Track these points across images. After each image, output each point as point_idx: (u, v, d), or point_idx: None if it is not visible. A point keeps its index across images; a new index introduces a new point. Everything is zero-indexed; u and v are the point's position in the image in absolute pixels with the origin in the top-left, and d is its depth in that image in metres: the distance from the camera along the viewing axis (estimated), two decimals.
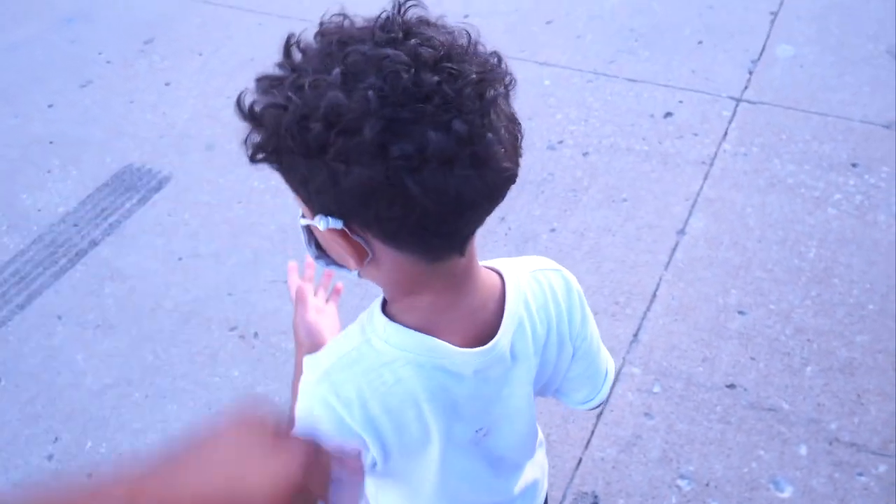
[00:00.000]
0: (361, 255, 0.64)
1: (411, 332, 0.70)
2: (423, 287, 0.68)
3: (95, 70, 3.43)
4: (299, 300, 0.95)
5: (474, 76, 0.56)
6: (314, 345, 0.90)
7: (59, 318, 2.28)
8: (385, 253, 0.63)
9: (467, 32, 0.59)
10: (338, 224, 0.61)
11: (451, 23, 0.59)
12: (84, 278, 2.39)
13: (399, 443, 0.74)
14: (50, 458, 1.90)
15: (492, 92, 0.59)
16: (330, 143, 0.54)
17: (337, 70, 0.54)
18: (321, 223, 0.61)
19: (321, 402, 0.71)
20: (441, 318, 0.70)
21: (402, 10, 0.57)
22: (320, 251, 0.71)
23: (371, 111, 0.52)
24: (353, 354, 0.72)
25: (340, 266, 0.70)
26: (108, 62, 3.49)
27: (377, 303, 0.74)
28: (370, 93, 0.52)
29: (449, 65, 0.55)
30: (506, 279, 0.75)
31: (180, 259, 2.40)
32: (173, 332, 2.17)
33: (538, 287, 0.79)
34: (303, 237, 0.71)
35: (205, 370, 2.05)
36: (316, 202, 0.61)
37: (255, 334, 2.13)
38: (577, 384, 0.90)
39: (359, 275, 0.70)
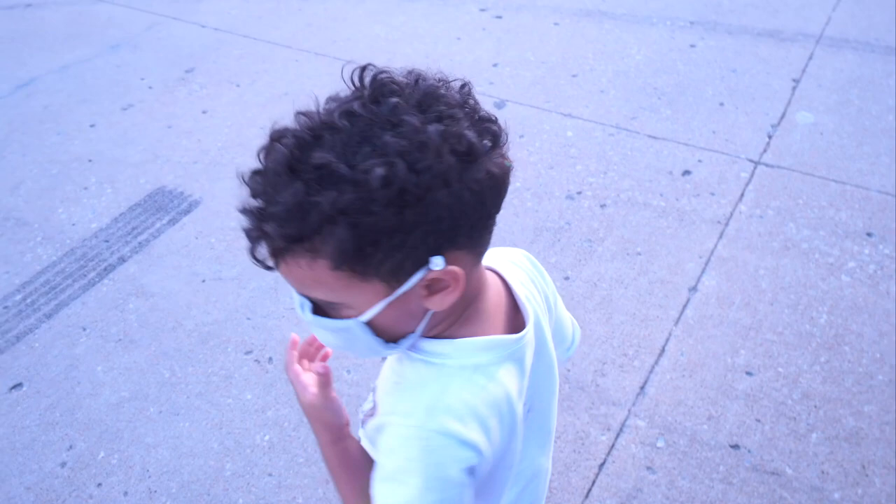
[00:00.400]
0: (448, 290, 0.66)
1: (477, 338, 0.73)
2: (475, 294, 0.73)
3: (137, 95, 3.59)
4: (302, 382, 0.86)
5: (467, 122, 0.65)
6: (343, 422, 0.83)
7: (84, 329, 2.35)
8: (457, 271, 0.66)
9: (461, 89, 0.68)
10: (440, 261, 0.64)
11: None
12: (110, 293, 2.48)
13: (500, 440, 0.75)
14: (63, 465, 1.95)
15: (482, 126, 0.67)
16: (454, 170, 0.60)
17: (418, 117, 0.61)
18: (437, 264, 0.63)
19: (440, 433, 0.68)
20: (488, 318, 0.76)
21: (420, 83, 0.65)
22: (366, 341, 0.71)
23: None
24: (435, 384, 0.72)
25: (390, 345, 0.72)
26: (150, 88, 3.64)
27: (407, 351, 0.74)
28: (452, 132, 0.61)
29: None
30: (499, 271, 0.82)
31: (203, 281, 2.48)
32: (191, 351, 2.24)
33: (520, 268, 0.88)
34: (355, 343, 0.70)
35: (219, 391, 2.10)
36: (414, 255, 0.62)
37: (270, 359, 2.18)
38: (556, 339, 0.97)
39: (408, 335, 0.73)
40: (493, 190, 0.65)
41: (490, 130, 0.65)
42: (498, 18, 3.84)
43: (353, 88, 0.63)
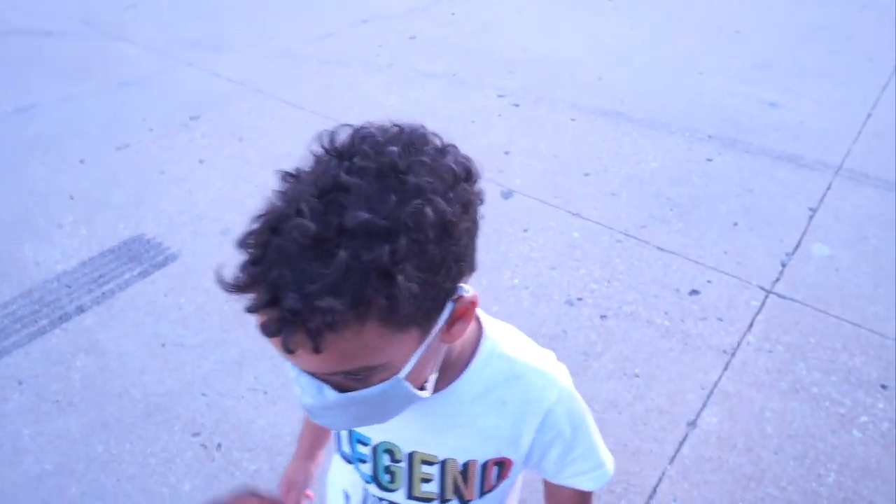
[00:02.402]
0: (464, 318, 0.67)
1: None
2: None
3: (136, 135, 3.48)
4: None
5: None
6: None
7: (20, 383, 2.14)
8: (476, 296, 0.66)
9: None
10: (469, 288, 0.65)
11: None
12: (59, 345, 2.27)
13: None
14: None
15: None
16: (468, 194, 0.62)
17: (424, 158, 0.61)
18: (466, 291, 0.64)
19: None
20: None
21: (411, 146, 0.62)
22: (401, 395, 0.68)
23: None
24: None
25: (421, 391, 0.69)
26: (151, 129, 3.54)
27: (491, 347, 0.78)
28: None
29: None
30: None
31: (163, 345, 2.28)
32: (133, 424, 2.01)
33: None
34: (388, 404, 0.68)
35: (154, 476, 1.87)
36: (444, 289, 0.62)
37: (219, 446, 1.95)
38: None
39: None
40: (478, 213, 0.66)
41: (467, 164, 0.66)
42: (515, 106, 3.79)
43: (328, 150, 0.61)
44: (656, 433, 2.01)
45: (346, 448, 0.89)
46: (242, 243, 0.57)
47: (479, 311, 0.79)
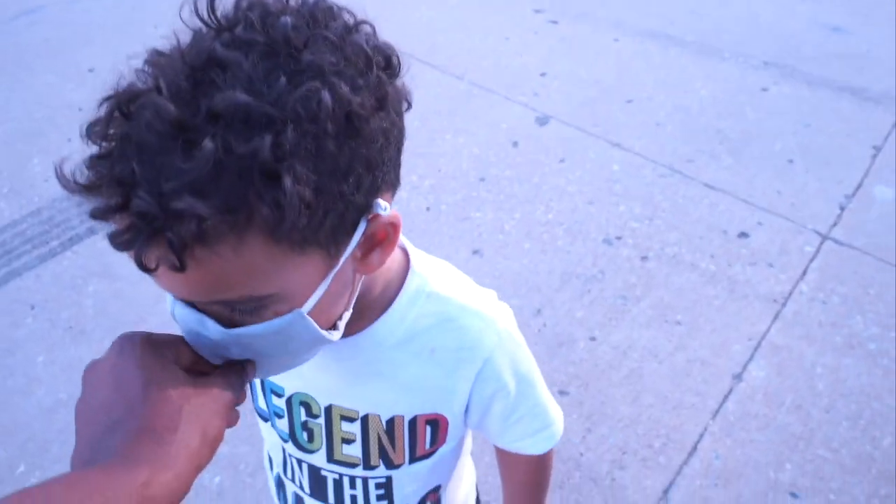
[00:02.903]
0: (385, 243, 0.55)
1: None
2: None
3: (147, 43, 3.25)
4: None
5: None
6: None
7: (32, 307, 2.05)
8: (397, 217, 0.54)
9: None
10: (386, 205, 0.52)
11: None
12: (71, 268, 2.16)
13: None
14: None
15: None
16: (384, 87, 0.49)
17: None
18: (383, 207, 0.51)
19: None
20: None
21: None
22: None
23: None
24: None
25: (330, 331, 0.56)
26: (162, 38, 3.31)
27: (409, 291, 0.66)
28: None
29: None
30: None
31: None
32: None
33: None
34: (288, 346, 0.54)
35: None
36: (353, 203, 0.49)
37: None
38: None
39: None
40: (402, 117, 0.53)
41: (387, 50, 0.51)
42: (553, 23, 3.50)
43: (206, 21, 0.47)
44: (698, 386, 1.89)
45: (261, 402, 0.77)
46: (89, 132, 0.44)
47: (407, 243, 0.68)
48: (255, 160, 0.41)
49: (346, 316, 0.59)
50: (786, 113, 2.87)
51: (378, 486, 0.77)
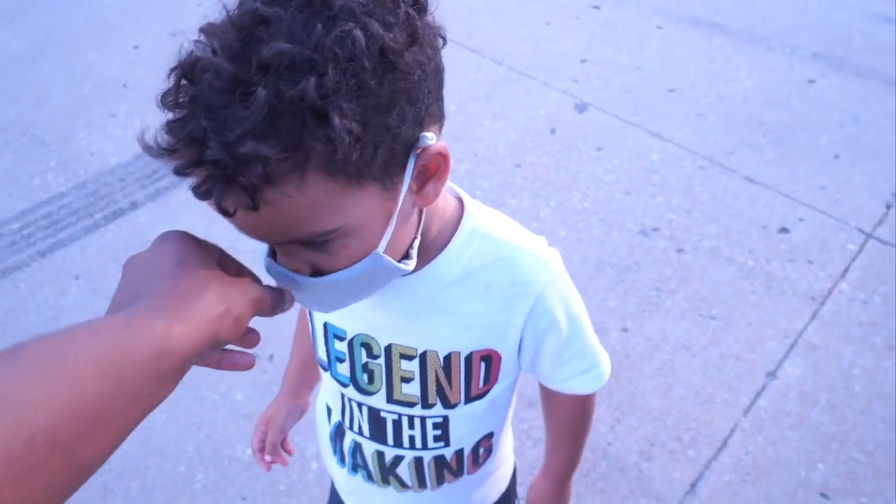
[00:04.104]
0: (438, 175, 0.58)
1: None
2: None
3: (191, 21, 3.27)
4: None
5: None
6: None
7: (77, 278, 2.11)
8: (445, 148, 0.57)
9: None
10: (433, 136, 0.55)
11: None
12: (114, 241, 2.22)
13: None
14: None
15: None
16: (415, 23, 0.52)
17: None
18: (430, 139, 0.54)
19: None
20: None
21: None
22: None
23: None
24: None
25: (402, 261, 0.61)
26: (206, 16, 3.34)
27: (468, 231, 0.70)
28: None
29: None
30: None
31: None
32: None
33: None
34: (373, 282, 0.61)
35: (207, 384, 1.84)
36: (401, 137, 0.52)
37: (271, 357, 1.91)
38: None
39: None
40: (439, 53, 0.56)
41: None
42: (595, 8, 3.44)
43: None
44: (731, 381, 1.87)
45: (322, 352, 0.81)
46: (163, 102, 0.49)
47: (461, 192, 0.72)
48: (303, 101, 0.45)
49: (416, 244, 0.63)
50: (833, 105, 2.79)
51: (435, 426, 0.80)
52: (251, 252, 0.61)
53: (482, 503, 0.98)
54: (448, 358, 0.74)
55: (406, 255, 0.63)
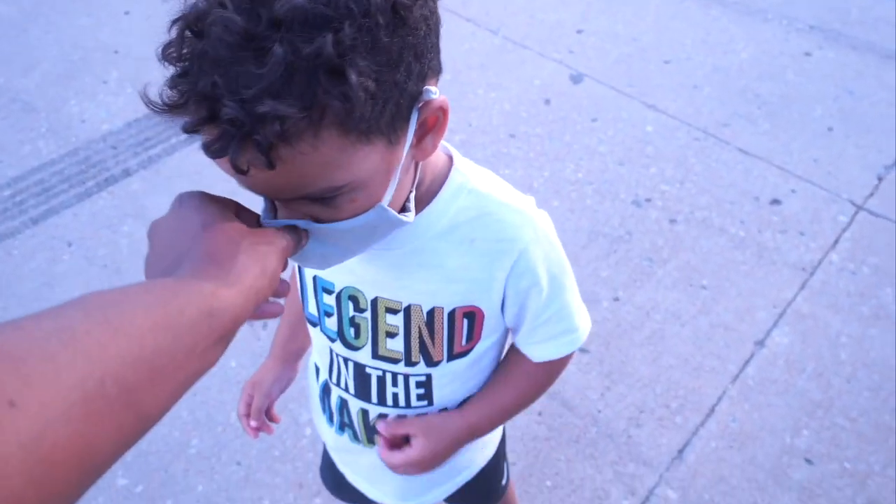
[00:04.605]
0: (436, 128, 0.59)
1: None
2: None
3: None
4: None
5: None
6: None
7: (69, 244, 2.11)
8: (445, 101, 0.57)
9: None
10: (435, 90, 0.56)
11: None
12: (106, 208, 2.21)
13: None
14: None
15: None
16: None
17: None
18: (433, 92, 0.55)
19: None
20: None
21: None
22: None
23: None
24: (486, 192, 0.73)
25: (394, 221, 0.61)
26: None
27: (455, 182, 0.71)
28: None
29: None
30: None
31: None
32: None
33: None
34: (375, 233, 0.62)
35: None
36: (406, 91, 0.52)
37: (265, 325, 1.92)
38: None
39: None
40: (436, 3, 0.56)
41: None
42: None
43: None
44: (720, 350, 1.90)
45: (311, 306, 0.82)
46: (164, 55, 0.48)
47: (451, 148, 0.72)
48: (320, 58, 0.45)
49: (412, 197, 0.64)
50: (828, 78, 2.79)
51: (418, 384, 0.81)
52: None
53: (468, 467, 0.98)
54: (431, 313, 0.74)
55: (403, 208, 0.63)
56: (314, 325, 0.84)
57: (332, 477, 1.11)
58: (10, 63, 2.77)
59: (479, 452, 0.99)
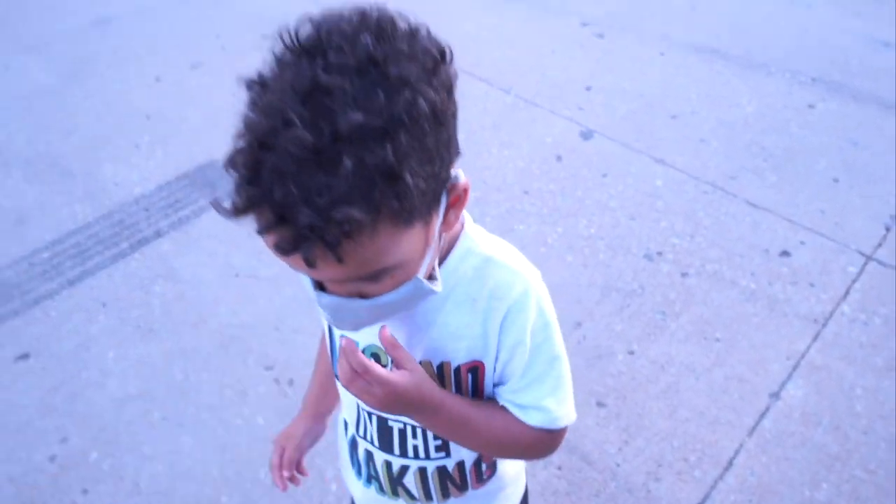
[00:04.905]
0: (458, 204, 0.67)
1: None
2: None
3: (209, 53, 3.42)
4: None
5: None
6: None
7: (104, 305, 2.20)
8: (467, 180, 0.66)
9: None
10: (461, 173, 0.65)
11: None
12: (139, 270, 2.31)
13: None
14: (52, 459, 1.80)
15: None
16: (452, 80, 0.61)
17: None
18: (460, 177, 0.65)
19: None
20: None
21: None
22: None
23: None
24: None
25: (425, 289, 0.69)
26: (223, 48, 3.48)
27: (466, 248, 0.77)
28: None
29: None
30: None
31: (237, 275, 2.30)
32: (210, 354, 2.06)
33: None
34: (411, 303, 0.70)
35: (231, 407, 1.92)
36: (440, 177, 0.61)
37: (291, 382, 1.99)
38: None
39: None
40: None
41: (441, 44, 0.62)
42: (599, 37, 3.55)
43: (293, 49, 0.56)
44: (735, 403, 1.94)
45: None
46: (231, 164, 0.54)
47: (465, 214, 0.77)
48: (383, 166, 0.53)
49: (436, 266, 0.72)
50: (831, 130, 2.87)
51: (435, 437, 0.86)
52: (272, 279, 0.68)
53: None
54: (441, 367, 0.79)
55: (430, 276, 0.70)
56: (339, 379, 0.90)
57: None
58: (50, 129, 2.93)
59: (506, 502, 1.04)
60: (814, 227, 2.45)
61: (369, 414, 0.88)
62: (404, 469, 0.90)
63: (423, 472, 0.90)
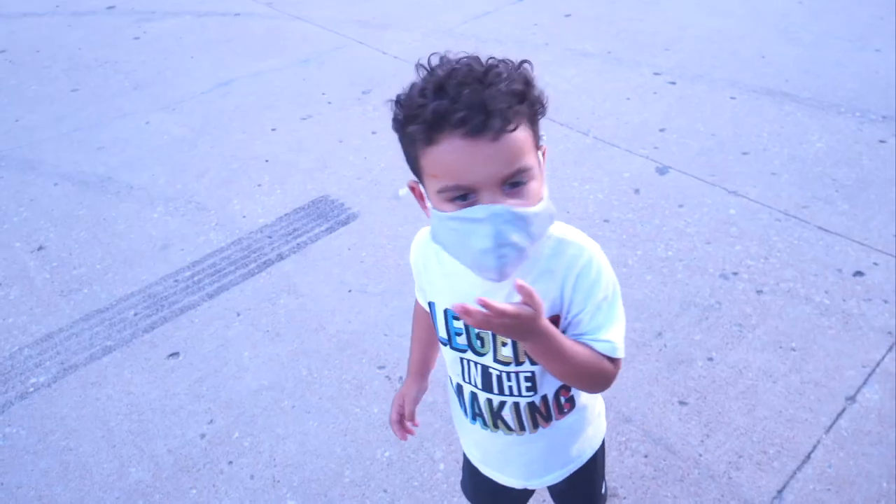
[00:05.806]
0: (545, 157, 0.96)
1: None
2: None
3: (317, 107, 3.88)
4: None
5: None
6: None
7: (238, 314, 2.55)
8: (545, 147, 0.98)
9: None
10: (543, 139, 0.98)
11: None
12: (265, 286, 2.66)
13: None
14: (202, 436, 2.11)
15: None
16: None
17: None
18: (544, 140, 0.96)
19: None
20: None
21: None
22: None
23: None
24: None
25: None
26: (329, 103, 3.93)
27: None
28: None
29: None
30: None
31: (350, 291, 2.61)
32: (329, 355, 2.35)
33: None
34: (546, 223, 0.95)
35: (349, 399, 2.19)
36: (537, 127, 0.93)
37: (401, 378, 2.25)
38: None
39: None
40: None
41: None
42: (671, 84, 3.81)
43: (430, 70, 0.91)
44: (812, 404, 2.06)
45: (443, 332, 1.10)
46: (420, 93, 0.87)
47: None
48: (519, 90, 0.87)
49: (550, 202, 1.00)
50: None
51: (526, 378, 1.09)
52: (380, 294, 0.95)
53: (579, 457, 1.24)
54: None
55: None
56: (445, 344, 1.13)
57: (470, 485, 1.40)
58: (185, 172, 3.40)
59: (587, 444, 1.25)
60: (886, 249, 2.57)
61: (475, 364, 1.11)
62: (502, 404, 1.13)
63: (516, 406, 1.12)
